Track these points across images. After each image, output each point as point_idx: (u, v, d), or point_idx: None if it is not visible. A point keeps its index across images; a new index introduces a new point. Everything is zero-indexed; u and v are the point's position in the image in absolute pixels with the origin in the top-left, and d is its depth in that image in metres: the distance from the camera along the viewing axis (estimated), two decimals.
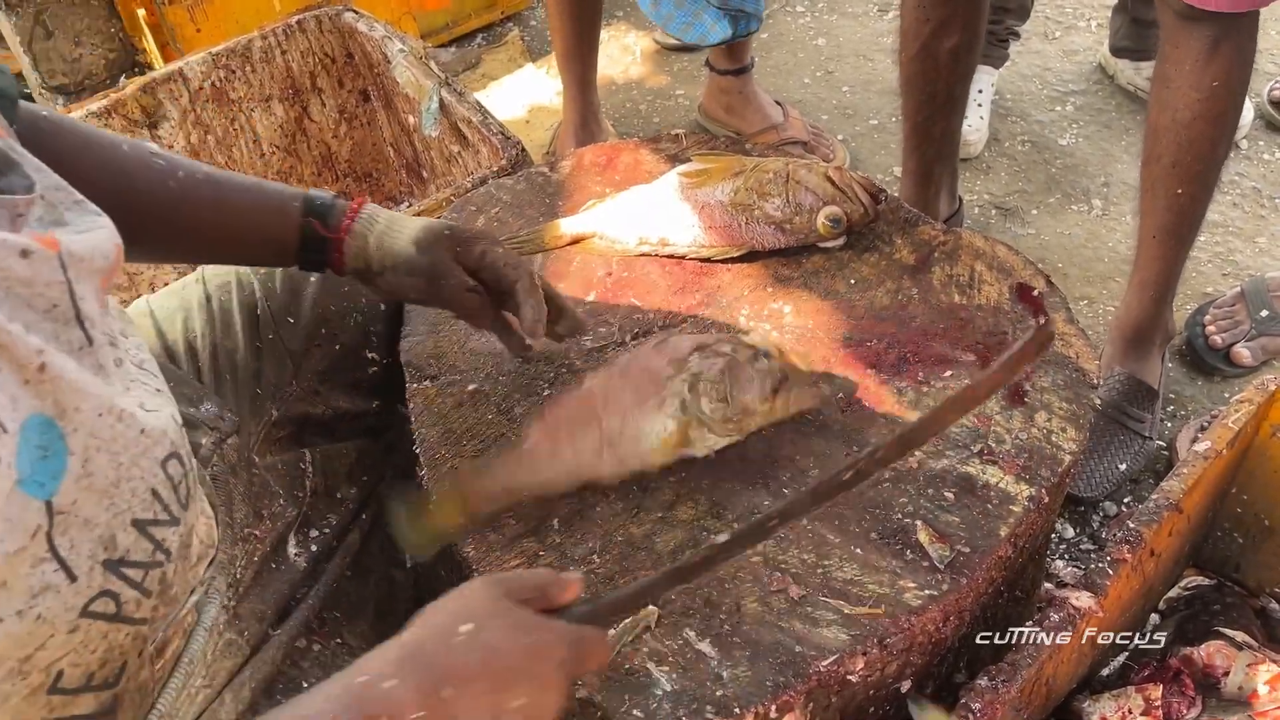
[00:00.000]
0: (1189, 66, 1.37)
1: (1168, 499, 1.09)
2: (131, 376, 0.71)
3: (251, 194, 0.98)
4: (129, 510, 0.66)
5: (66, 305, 0.63)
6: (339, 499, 1.09)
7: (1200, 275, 1.94)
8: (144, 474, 0.67)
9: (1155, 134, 1.46)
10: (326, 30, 1.81)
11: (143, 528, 0.67)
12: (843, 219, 1.18)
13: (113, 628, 0.67)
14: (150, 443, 0.67)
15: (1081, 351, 1.08)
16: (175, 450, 0.71)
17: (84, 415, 0.62)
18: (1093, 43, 2.49)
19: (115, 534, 0.65)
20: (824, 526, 0.94)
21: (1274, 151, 2.19)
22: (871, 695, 0.91)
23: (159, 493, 0.69)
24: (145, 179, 0.92)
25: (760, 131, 2.25)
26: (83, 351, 0.65)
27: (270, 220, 0.98)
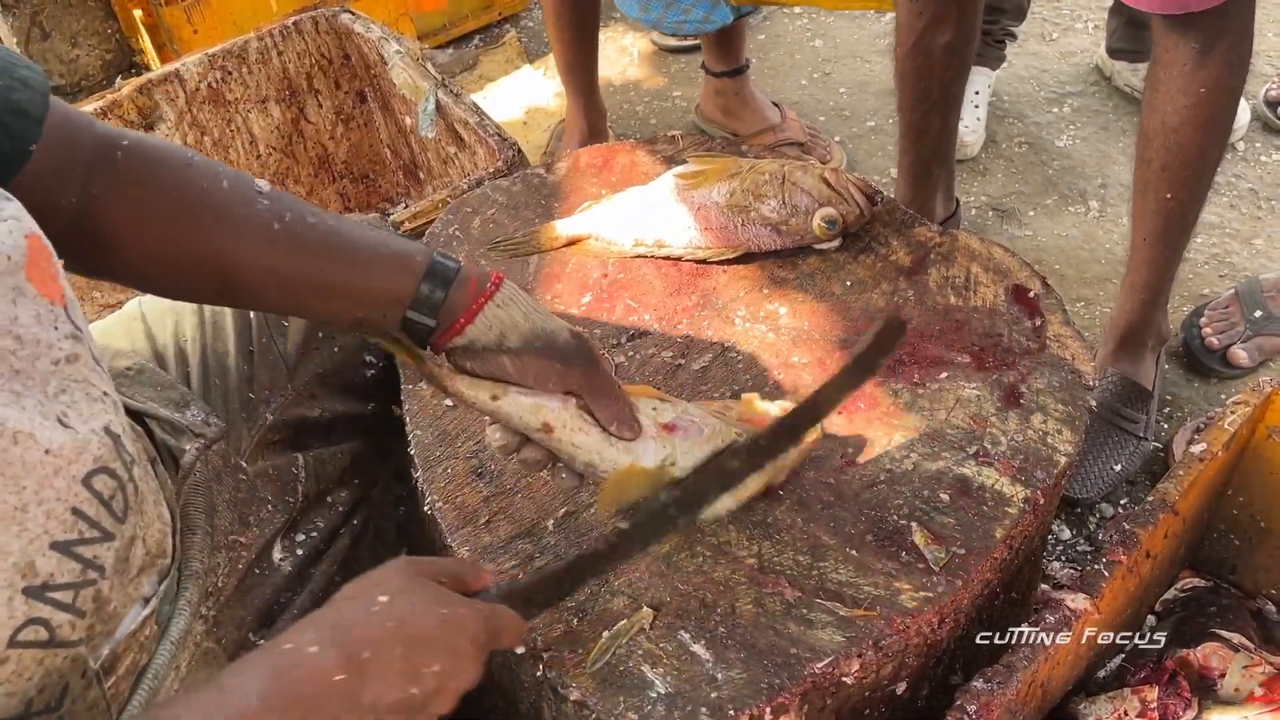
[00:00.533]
0: (1177, 71, 1.37)
1: (1163, 501, 1.09)
2: (69, 379, 0.67)
3: (361, 252, 0.84)
4: (45, 534, 0.63)
5: None
6: (329, 503, 1.09)
7: (1197, 276, 1.94)
8: (59, 494, 0.64)
9: (1146, 138, 1.46)
10: (323, 31, 1.81)
11: (66, 549, 0.65)
12: (838, 220, 1.18)
13: (48, 653, 0.65)
14: (62, 461, 0.64)
15: (1077, 354, 1.08)
16: (103, 464, 0.68)
17: None
18: (1089, 44, 2.49)
19: (33, 560, 0.63)
20: (819, 528, 0.94)
21: (1271, 153, 2.19)
22: (867, 697, 0.91)
23: (83, 511, 0.66)
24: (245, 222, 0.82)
25: (757, 133, 2.25)
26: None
27: (378, 283, 0.84)
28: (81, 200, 0.78)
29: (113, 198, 0.79)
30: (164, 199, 0.81)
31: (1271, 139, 2.22)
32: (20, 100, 0.74)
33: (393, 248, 0.85)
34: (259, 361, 1.08)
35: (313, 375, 1.10)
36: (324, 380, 1.11)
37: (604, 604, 0.90)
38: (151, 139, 0.84)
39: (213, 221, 0.81)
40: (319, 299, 0.85)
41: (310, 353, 1.11)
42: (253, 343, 1.08)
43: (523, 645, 0.87)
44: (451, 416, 1.06)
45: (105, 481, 0.68)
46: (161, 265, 0.83)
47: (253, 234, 0.82)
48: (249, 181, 0.84)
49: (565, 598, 0.84)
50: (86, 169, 0.79)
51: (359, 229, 0.86)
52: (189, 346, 1.06)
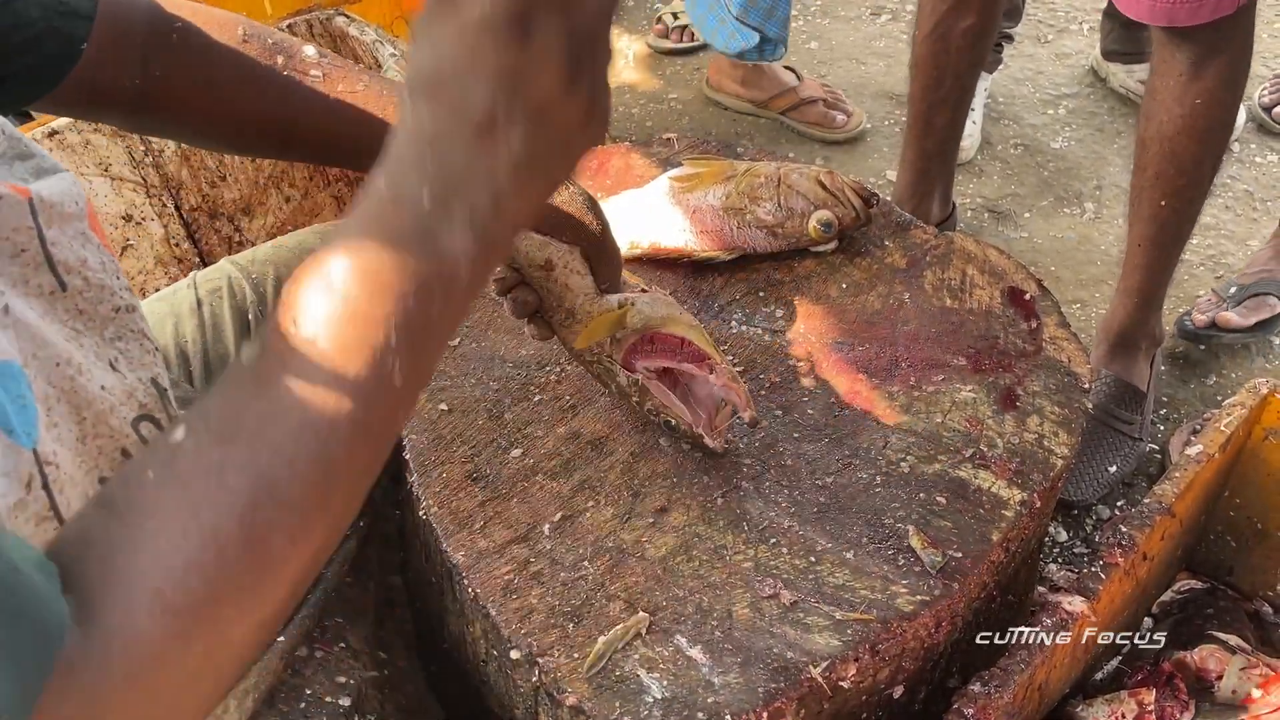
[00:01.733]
0: (1173, 81, 1.38)
1: (1160, 502, 1.09)
2: (126, 328, 0.69)
3: None
4: (98, 468, 0.65)
5: (35, 249, 0.63)
6: None
7: (1193, 278, 1.94)
8: (111, 432, 0.65)
9: (1143, 145, 1.47)
10: (318, 34, 1.80)
11: None
12: (834, 223, 1.18)
13: None
14: (114, 400, 0.66)
15: (1074, 356, 1.08)
16: (149, 413, 0.69)
17: (41, 363, 0.61)
18: (1084, 46, 2.49)
19: (88, 492, 0.63)
20: (816, 531, 0.94)
21: (1266, 155, 2.20)
22: (864, 701, 0.91)
23: (130, 453, 0.67)
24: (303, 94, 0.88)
25: (776, 95, 2.28)
26: (54, 296, 0.64)
27: None
28: (144, 82, 0.83)
29: (176, 78, 0.84)
30: (227, 77, 0.86)
31: (1267, 141, 2.22)
32: (70, 1, 0.77)
33: None
34: None
35: None
36: None
37: (600, 608, 0.89)
38: (203, 16, 0.87)
39: (276, 95, 0.87)
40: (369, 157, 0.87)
41: None
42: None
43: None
44: (447, 421, 1.05)
45: (151, 430, 0.69)
46: (225, 132, 0.90)
47: (312, 106, 0.88)
48: (299, 50, 0.89)
49: None
50: (143, 52, 0.82)
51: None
52: (189, 348, 1.06)
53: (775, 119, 2.34)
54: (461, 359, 1.12)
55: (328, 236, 0.51)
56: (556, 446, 1.02)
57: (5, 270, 0.61)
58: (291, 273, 0.85)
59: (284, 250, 1.16)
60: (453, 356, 1.12)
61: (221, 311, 1.09)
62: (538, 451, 1.02)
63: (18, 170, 0.65)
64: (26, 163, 0.66)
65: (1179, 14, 1.31)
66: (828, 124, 2.28)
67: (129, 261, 1.72)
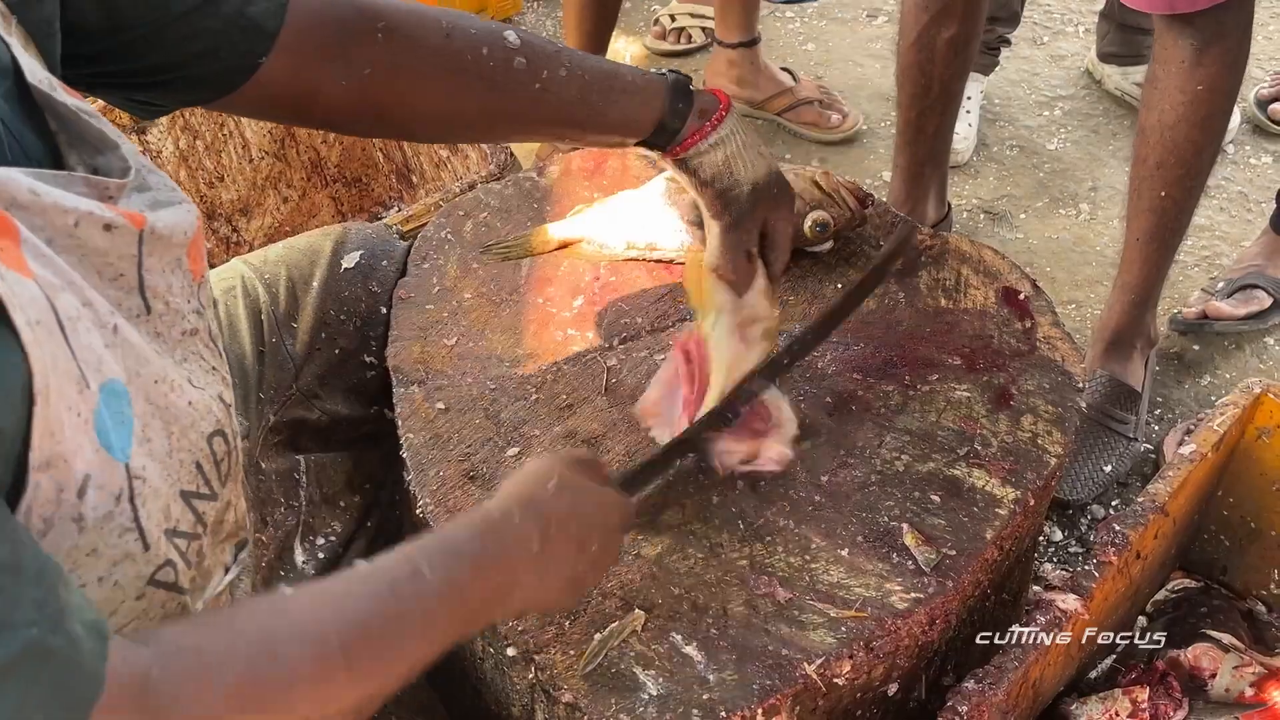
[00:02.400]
0: (1175, 69, 1.39)
1: (1153, 501, 1.09)
2: (190, 350, 0.72)
3: (609, 106, 0.96)
4: (178, 481, 0.67)
5: (132, 275, 0.65)
6: (342, 507, 1.09)
7: (1186, 279, 1.95)
8: (191, 446, 0.68)
9: (1143, 134, 1.47)
10: None
11: (188, 499, 0.69)
12: (830, 223, 1.18)
13: (170, 597, 0.68)
14: (197, 415, 0.69)
15: (1067, 355, 1.09)
16: (220, 427, 0.72)
17: (143, 381, 0.64)
18: (1080, 48, 2.50)
19: (169, 504, 0.66)
20: (810, 529, 0.95)
21: (1260, 156, 2.20)
22: (859, 698, 0.91)
23: (203, 466, 0.70)
24: (508, 85, 0.92)
25: (773, 96, 2.29)
26: (139, 319, 0.67)
27: (622, 128, 0.98)
28: (353, 80, 0.86)
29: (385, 76, 0.87)
30: (435, 73, 0.89)
31: (1261, 142, 2.23)
32: (255, 14, 0.79)
33: (636, 85, 0.96)
34: (269, 362, 1.09)
35: (314, 376, 1.11)
36: (325, 382, 1.11)
37: (595, 605, 0.90)
38: (404, 12, 0.89)
39: (483, 89, 0.91)
40: (574, 136, 1.01)
41: (314, 354, 1.11)
42: (264, 343, 1.09)
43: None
44: (444, 420, 1.06)
45: (220, 444, 0.73)
46: (435, 127, 0.97)
47: (518, 94, 0.92)
48: (501, 40, 0.91)
49: (664, 474, 0.97)
50: (347, 48, 0.85)
51: (604, 79, 0.95)
52: None
53: (772, 120, 2.34)
54: (459, 359, 1.12)
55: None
56: (553, 445, 1.03)
57: (105, 292, 0.64)
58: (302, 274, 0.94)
59: (295, 251, 1.16)
60: (450, 356, 1.13)
61: (237, 310, 1.10)
62: (534, 450, 1.03)
63: (135, 201, 0.67)
64: (144, 195, 0.68)
65: (1180, 1, 1.31)
66: (824, 125, 2.29)
67: None
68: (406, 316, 1.17)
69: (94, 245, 0.62)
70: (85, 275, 0.61)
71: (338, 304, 1.14)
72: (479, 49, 0.90)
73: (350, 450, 1.13)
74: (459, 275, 1.23)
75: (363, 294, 1.16)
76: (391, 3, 0.89)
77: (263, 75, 0.80)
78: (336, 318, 1.14)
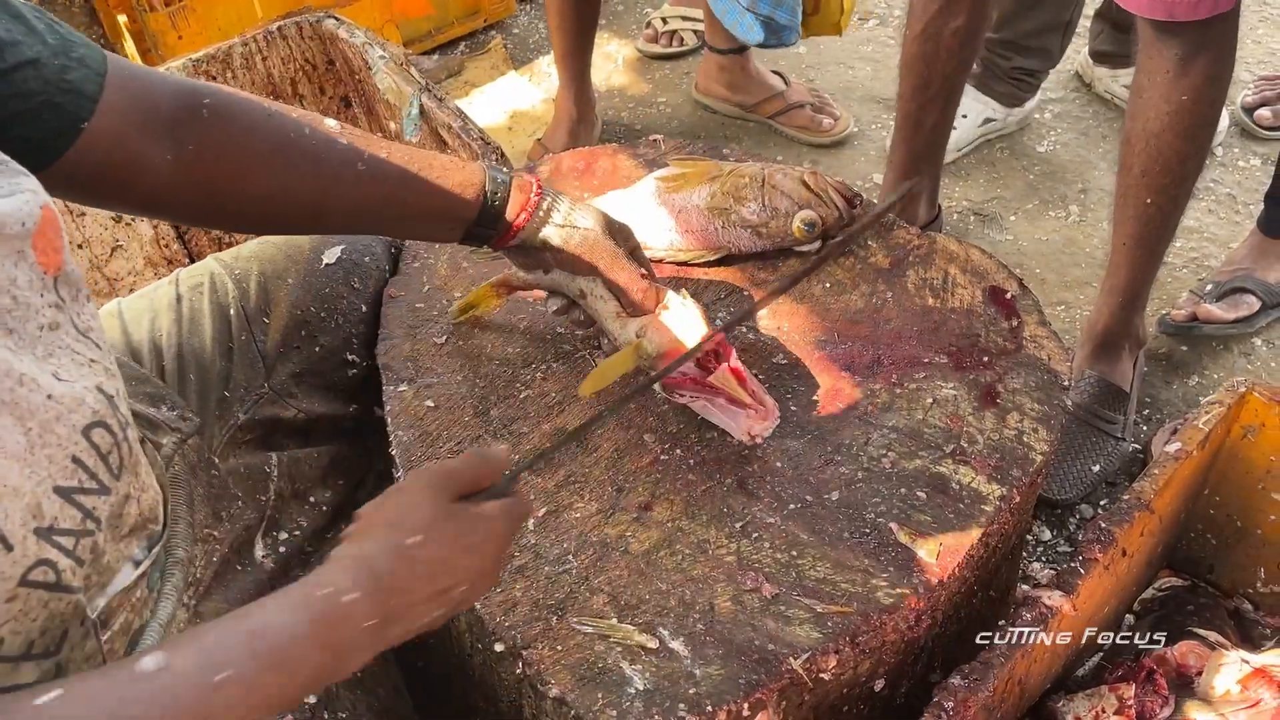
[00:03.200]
0: (1160, 78, 1.39)
1: (1139, 499, 1.10)
2: (54, 345, 0.70)
3: (432, 181, 0.97)
4: (49, 477, 0.66)
5: None
6: (312, 502, 1.08)
7: (1175, 280, 1.96)
8: (60, 440, 0.67)
9: (1128, 142, 1.48)
10: (308, 37, 1.81)
11: (67, 495, 0.67)
12: (818, 223, 1.19)
13: (53, 596, 0.67)
14: (63, 409, 0.67)
15: (1053, 354, 1.09)
16: (100, 419, 0.71)
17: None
18: (1070, 51, 2.50)
19: (40, 502, 0.65)
20: (797, 525, 0.95)
21: (1249, 158, 2.21)
22: (845, 694, 0.92)
23: (82, 460, 0.69)
24: (333, 163, 0.92)
25: (765, 100, 2.30)
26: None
27: (447, 205, 0.98)
28: (178, 155, 0.86)
29: (212, 153, 0.88)
30: (262, 149, 0.90)
31: (1249, 144, 2.24)
32: (74, 80, 0.79)
33: (453, 176, 0.98)
34: (237, 359, 1.08)
35: (290, 374, 1.10)
36: (302, 379, 1.11)
37: (583, 601, 0.90)
38: (227, 92, 0.90)
39: (309, 167, 0.91)
40: (395, 224, 1.02)
41: (290, 351, 1.11)
42: (232, 340, 1.08)
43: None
44: (433, 417, 1.06)
45: (102, 436, 0.71)
46: (261, 207, 0.93)
47: (342, 176, 0.93)
48: (321, 122, 0.93)
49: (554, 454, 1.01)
50: (171, 125, 0.86)
51: (423, 158, 0.97)
52: (163, 341, 1.06)
53: (763, 123, 2.35)
54: (448, 356, 1.13)
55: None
56: (542, 443, 1.03)
57: None
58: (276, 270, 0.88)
59: (271, 247, 1.16)
60: (440, 354, 1.13)
61: (200, 306, 1.09)
62: (523, 448, 1.03)
63: None
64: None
65: (1179, 8, 1.32)
66: (815, 128, 2.30)
67: (119, 262, 1.72)
68: (396, 315, 1.17)
69: None
70: None
71: (318, 301, 1.14)
72: (301, 128, 0.91)
73: (328, 446, 1.13)
74: (449, 274, 1.23)
75: (344, 290, 1.16)
76: (218, 86, 0.90)
77: (86, 142, 0.80)
78: (317, 315, 1.13)
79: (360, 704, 0.92)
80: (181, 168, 0.87)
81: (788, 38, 2.00)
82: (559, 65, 2.20)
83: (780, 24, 1.97)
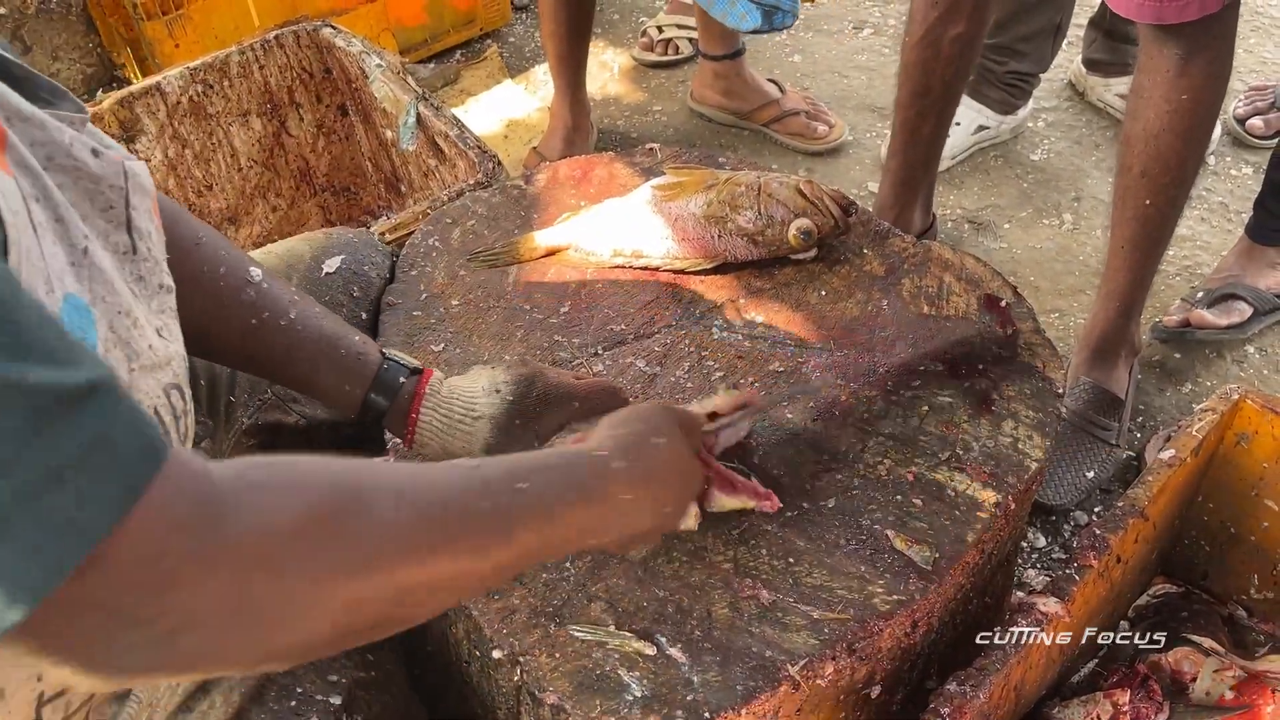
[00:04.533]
0: (1160, 79, 1.40)
1: (1133, 505, 1.10)
2: (165, 305, 0.73)
3: (323, 355, 0.94)
4: None
5: (121, 209, 0.67)
6: None
7: (1168, 288, 1.97)
8: (149, 390, 0.68)
9: (1127, 143, 1.49)
10: (304, 45, 1.82)
11: None
12: (813, 231, 1.20)
13: None
14: (158, 360, 0.69)
15: (1048, 361, 1.10)
16: (178, 382, 0.72)
17: (108, 307, 0.64)
18: (1063, 60, 2.52)
19: None
20: (793, 533, 0.95)
21: (1241, 167, 2.23)
22: (841, 700, 0.92)
23: (161, 416, 0.70)
24: (229, 308, 0.91)
25: (760, 107, 2.31)
26: (126, 256, 0.68)
27: (341, 375, 0.95)
28: None
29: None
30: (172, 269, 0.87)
31: (1241, 153, 2.26)
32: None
33: (346, 348, 0.95)
34: None
35: None
36: None
37: (581, 608, 0.90)
38: (173, 208, 0.90)
39: (203, 303, 0.90)
40: (283, 382, 0.99)
41: None
42: None
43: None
44: None
45: (178, 398, 0.73)
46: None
47: (232, 321, 0.92)
48: (244, 271, 0.92)
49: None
50: None
51: (323, 335, 0.94)
52: None
53: (758, 130, 2.36)
54: (447, 365, 1.13)
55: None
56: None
57: (94, 221, 0.64)
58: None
59: (272, 256, 1.16)
60: (437, 361, 1.13)
61: None
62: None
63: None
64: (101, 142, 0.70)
65: (1167, 11, 1.33)
66: (809, 134, 2.31)
67: None
68: (394, 322, 1.18)
69: (88, 170, 0.63)
70: (76, 198, 0.62)
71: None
72: (218, 267, 0.91)
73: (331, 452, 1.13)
74: (446, 282, 1.23)
75: (344, 298, 1.16)
76: (164, 198, 0.88)
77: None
78: None
79: (376, 705, 0.92)
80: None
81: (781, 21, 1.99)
82: (554, 73, 2.21)
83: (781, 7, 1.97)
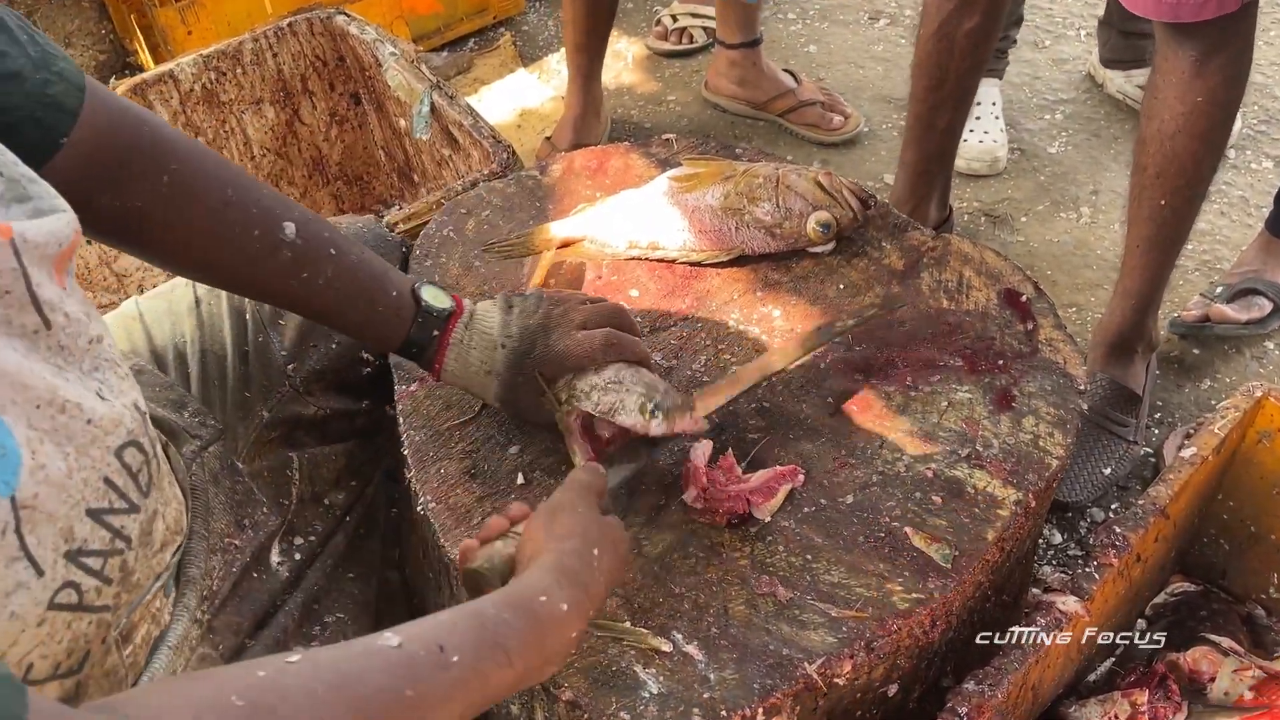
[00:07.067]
0: (1175, 79, 1.38)
1: (1154, 504, 1.09)
2: (101, 358, 0.71)
3: (358, 311, 0.96)
4: (83, 500, 0.66)
5: (21, 291, 0.64)
6: (327, 505, 1.08)
7: (1187, 283, 1.95)
8: (95, 463, 0.67)
9: (1143, 144, 1.47)
10: (318, 33, 1.81)
11: (98, 516, 0.68)
12: (832, 224, 1.18)
13: (75, 617, 0.67)
14: (100, 432, 0.68)
15: (1069, 357, 1.09)
16: (133, 438, 0.71)
17: (21, 408, 0.62)
18: (1081, 52, 2.50)
19: (73, 525, 0.65)
20: (811, 529, 0.95)
21: (1261, 160, 2.20)
22: (859, 699, 0.91)
23: (114, 481, 0.69)
24: (266, 269, 0.92)
25: (775, 97, 2.30)
26: (38, 335, 0.65)
27: (379, 327, 0.97)
28: (122, 204, 0.85)
29: (153, 218, 0.87)
30: (200, 233, 0.89)
31: (1262, 147, 2.23)
32: (56, 93, 0.78)
33: (383, 304, 0.96)
34: (254, 360, 1.08)
35: (309, 372, 1.10)
36: (320, 377, 1.11)
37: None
38: (195, 163, 0.88)
39: (241, 264, 0.91)
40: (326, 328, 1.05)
41: (307, 349, 1.11)
42: (248, 342, 1.08)
43: None
44: (445, 417, 1.06)
45: (134, 455, 0.71)
46: (185, 273, 0.98)
47: (272, 281, 0.92)
48: (277, 228, 0.91)
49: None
50: (126, 182, 0.85)
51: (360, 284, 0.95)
52: (188, 348, 1.06)
53: (773, 121, 2.34)
54: None
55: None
56: (554, 443, 1.02)
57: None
58: None
59: None
60: None
61: (219, 309, 1.09)
62: (535, 448, 1.02)
63: (14, 212, 0.65)
64: (24, 205, 0.66)
65: (1183, 10, 1.31)
66: (824, 125, 2.29)
67: (126, 260, 1.72)
68: None
69: None
70: None
71: None
72: (251, 230, 0.90)
73: (345, 444, 1.12)
74: (460, 273, 1.23)
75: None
76: (189, 147, 0.89)
77: (62, 157, 0.79)
78: None
79: None
80: (120, 218, 0.86)
81: None
82: (570, 61, 2.19)
83: None
